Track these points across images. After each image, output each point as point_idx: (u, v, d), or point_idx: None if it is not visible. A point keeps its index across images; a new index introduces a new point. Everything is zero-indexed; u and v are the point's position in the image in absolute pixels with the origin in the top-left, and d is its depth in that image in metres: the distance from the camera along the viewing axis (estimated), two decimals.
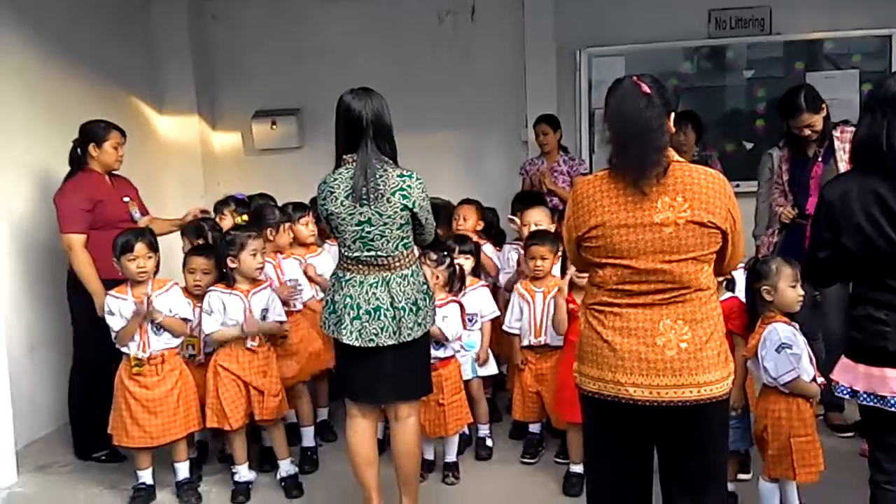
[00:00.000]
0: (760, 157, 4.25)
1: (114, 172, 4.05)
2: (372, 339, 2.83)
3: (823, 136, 3.75)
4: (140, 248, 3.35)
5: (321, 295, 4.01)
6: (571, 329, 3.27)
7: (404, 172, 2.82)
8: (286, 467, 3.59)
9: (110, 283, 3.56)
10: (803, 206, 3.80)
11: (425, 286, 2.95)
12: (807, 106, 3.70)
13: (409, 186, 2.79)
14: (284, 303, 3.69)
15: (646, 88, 2.10)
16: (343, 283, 2.90)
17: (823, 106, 3.74)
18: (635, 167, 2.09)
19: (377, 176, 2.76)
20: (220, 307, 3.42)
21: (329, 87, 5.83)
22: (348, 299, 2.86)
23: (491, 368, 3.95)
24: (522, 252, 3.80)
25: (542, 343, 3.61)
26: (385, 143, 2.83)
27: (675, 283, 2.10)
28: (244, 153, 6.20)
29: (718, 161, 5.41)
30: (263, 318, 3.49)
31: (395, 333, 2.83)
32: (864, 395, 2.28)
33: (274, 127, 5.98)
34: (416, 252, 2.99)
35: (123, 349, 3.39)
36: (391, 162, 2.83)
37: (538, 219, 3.92)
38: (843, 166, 3.66)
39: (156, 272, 3.47)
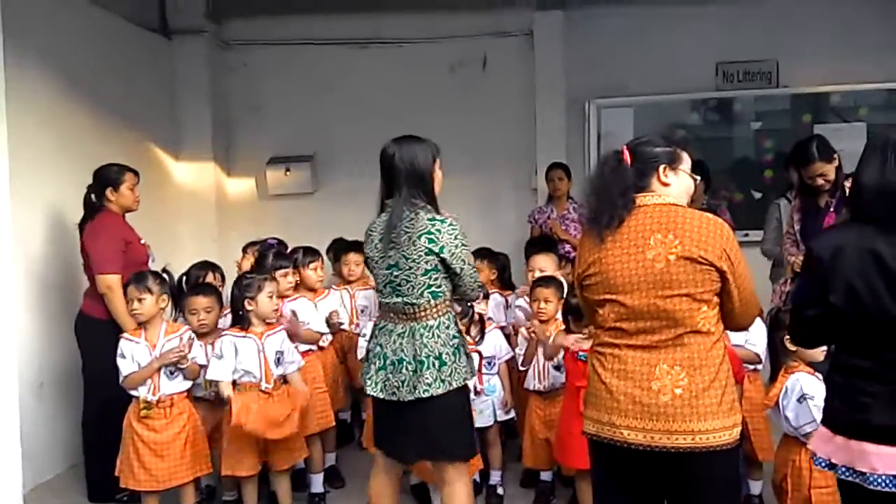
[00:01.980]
0: (767, 207, 4.27)
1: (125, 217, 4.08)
2: (394, 393, 2.76)
3: (835, 187, 3.77)
4: (139, 289, 3.38)
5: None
6: (572, 375, 3.31)
7: (436, 217, 2.76)
8: None
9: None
10: None
11: (455, 340, 2.81)
12: (819, 155, 3.73)
13: (437, 230, 2.71)
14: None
15: (626, 157, 2.26)
16: (377, 331, 2.89)
17: (835, 156, 3.77)
18: (596, 219, 2.25)
19: (407, 219, 2.73)
20: (232, 352, 3.41)
21: (342, 133, 6.09)
22: (378, 348, 2.83)
23: (510, 413, 3.93)
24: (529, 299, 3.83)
25: (549, 388, 3.61)
26: (419, 190, 2.78)
27: (669, 321, 2.12)
28: (258, 198, 6.28)
29: (727, 210, 5.44)
30: (278, 361, 3.48)
31: (413, 389, 2.72)
32: (843, 470, 2.06)
33: (288, 173, 6.07)
34: (448, 304, 2.85)
35: (132, 392, 3.38)
36: (427, 207, 2.78)
37: (544, 265, 3.97)
38: None
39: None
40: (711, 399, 2.10)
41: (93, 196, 3.98)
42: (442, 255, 2.72)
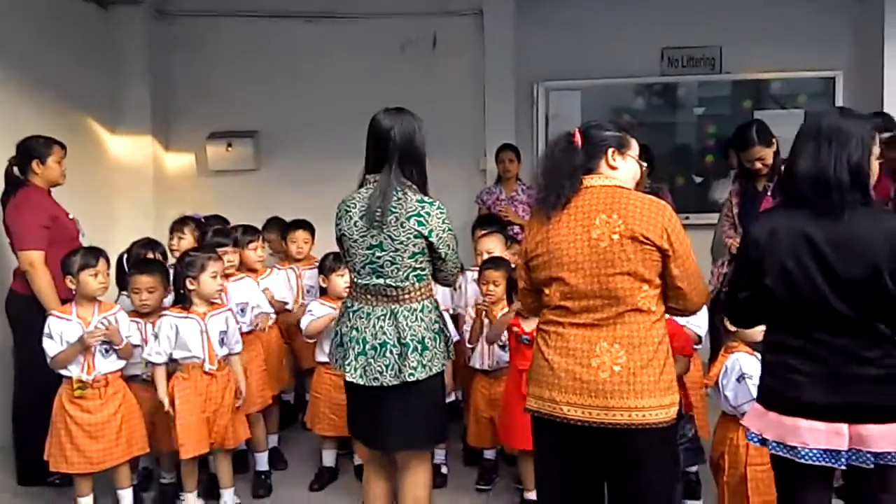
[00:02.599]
0: (708, 191, 4.35)
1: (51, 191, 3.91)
2: (376, 378, 2.64)
3: (773, 171, 3.87)
4: (102, 263, 3.29)
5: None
6: (515, 356, 3.34)
7: (425, 199, 2.63)
8: (229, 497, 3.50)
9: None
10: None
11: (436, 325, 2.73)
12: (758, 139, 3.82)
13: (426, 213, 2.60)
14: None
15: (577, 139, 2.30)
16: (351, 315, 2.73)
17: (774, 140, 3.86)
18: (543, 198, 2.30)
19: (395, 199, 2.59)
20: (172, 332, 3.31)
21: (288, 110, 5.96)
22: (355, 332, 2.69)
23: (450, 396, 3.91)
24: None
25: (495, 367, 3.62)
26: (412, 168, 2.65)
27: (611, 299, 2.16)
28: (197, 174, 6.10)
29: (668, 193, 5.52)
30: (221, 341, 3.40)
31: (399, 373, 2.63)
32: (774, 444, 2.18)
33: (229, 148, 5.90)
34: (431, 287, 2.78)
35: (62, 372, 3.26)
36: (414, 187, 2.65)
37: (491, 246, 3.95)
38: None
39: None
40: (649, 377, 2.15)
41: (15, 169, 3.80)
42: (430, 239, 2.62)
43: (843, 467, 2.12)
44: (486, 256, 3.88)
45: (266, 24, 5.92)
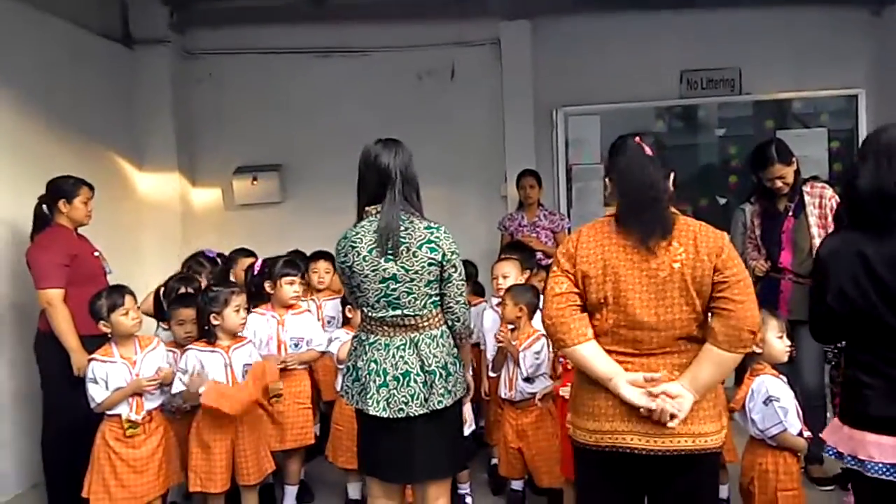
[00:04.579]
0: (733, 212, 4.32)
1: (78, 230, 3.98)
2: (402, 409, 2.58)
3: (794, 191, 3.83)
4: (129, 300, 3.32)
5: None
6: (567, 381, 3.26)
7: (431, 224, 2.62)
8: None
9: (86, 340, 3.49)
10: (776, 260, 3.85)
11: (455, 349, 2.70)
12: (778, 157, 3.77)
13: (437, 238, 2.57)
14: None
15: (649, 150, 2.19)
16: (367, 347, 2.66)
17: (794, 160, 3.82)
18: (646, 229, 2.15)
19: (403, 228, 2.56)
20: (197, 367, 3.33)
21: (310, 143, 6.05)
22: (373, 364, 2.62)
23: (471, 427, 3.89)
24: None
25: (519, 398, 3.56)
26: (412, 194, 2.64)
27: (667, 329, 2.13)
28: (224, 208, 6.20)
29: (692, 215, 5.49)
30: (245, 373, 3.42)
31: (425, 401, 2.58)
32: (848, 458, 2.22)
33: (255, 182, 6.01)
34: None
35: (109, 413, 3.26)
36: (418, 214, 2.64)
37: (506, 271, 3.91)
38: (814, 220, 3.74)
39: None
40: (708, 402, 2.15)
41: (43, 207, 3.88)
42: (443, 264, 2.59)
43: None
44: (500, 281, 3.85)
45: (287, 60, 6.04)
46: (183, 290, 3.88)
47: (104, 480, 3.26)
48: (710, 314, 2.14)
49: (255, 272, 3.93)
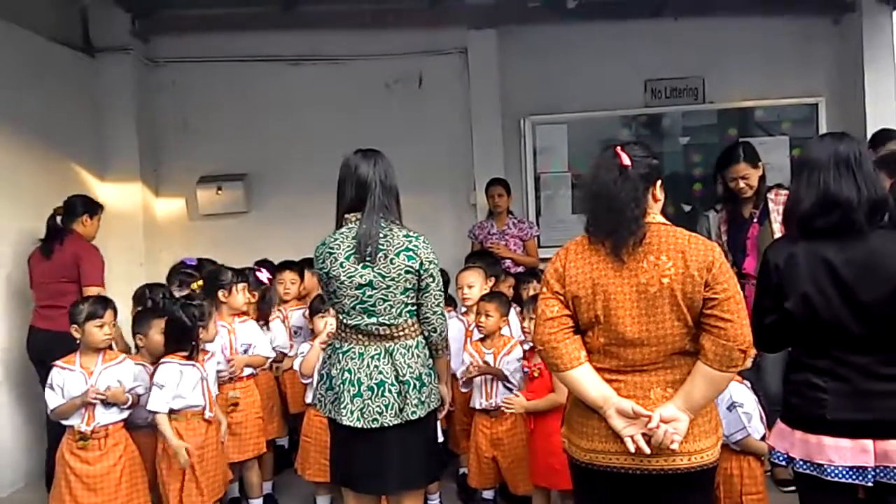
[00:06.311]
0: (697, 218, 4.37)
1: None
2: (376, 419, 2.57)
3: (759, 198, 3.88)
4: (109, 314, 3.28)
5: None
6: (532, 389, 3.27)
7: (410, 233, 2.63)
8: None
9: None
10: (740, 266, 3.89)
11: (430, 360, 2.71)
12: (744, 156, 3.82)
13: (415, 247, 2.59)
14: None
15: (625, 160, 2.10)
16: (341, 356, 2.65)
17: (760, 164, 3.86)
18: (611, 238, 2.10)
19: (381, 235, 2.58)
20: (175, 381, 3.24)
21: (276, 152, 5.99)
22: (347, 374, 2.61)
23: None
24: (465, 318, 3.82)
25: (494, 406, 3.55)
26: (392, 203, 2.66)
27: (658, 345, 2.07)
28: (188, 218, 6.11)
29: None
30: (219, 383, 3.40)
31: (400, 412, 2.58)
32: (801, 463, 2.19)
33: (219, 192, 5.93)
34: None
35: (64, 422, 3.21)
36: (397, 222, 2.66)
37: (471, 280, 3.92)
38: (778, 227, 3.79)
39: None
40: (703, 418, 2.10)
41: (58, 219, 4.20)
42: (420, 272, 2.60)
43: (870, 484, 2.12)
44: (466, 291, 3.87)
45: (252, 68, 5.98)
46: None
47: (60, 495, 3.21)
48: (701, 330, 2.08)
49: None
